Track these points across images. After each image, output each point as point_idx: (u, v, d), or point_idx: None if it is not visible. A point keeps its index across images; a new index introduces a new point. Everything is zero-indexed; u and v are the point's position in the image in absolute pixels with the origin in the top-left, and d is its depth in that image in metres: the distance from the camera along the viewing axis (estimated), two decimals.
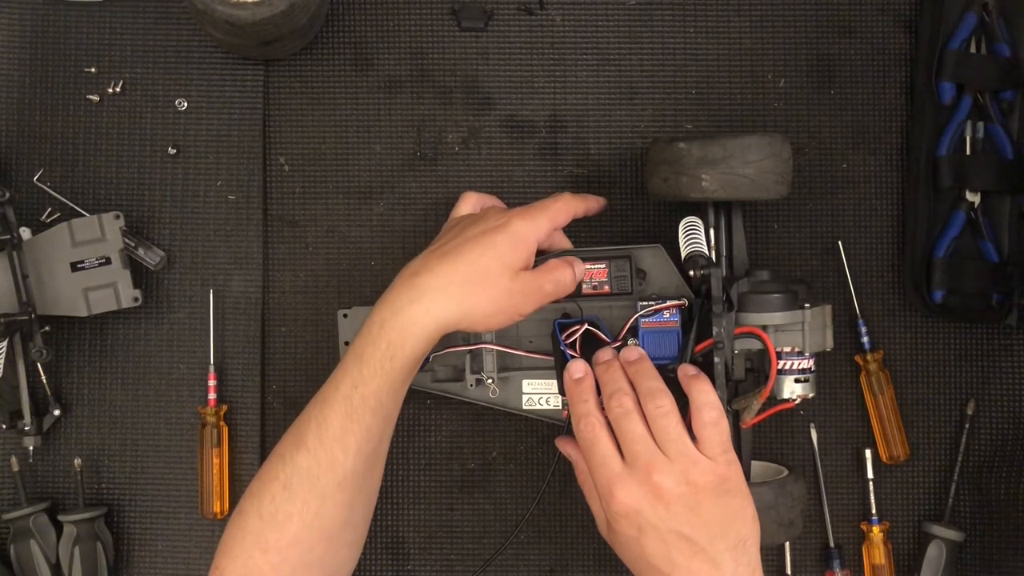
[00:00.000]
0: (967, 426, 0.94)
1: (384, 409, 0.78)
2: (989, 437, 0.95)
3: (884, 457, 0.94)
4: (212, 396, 0.93)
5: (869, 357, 0.93)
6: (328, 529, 0.77)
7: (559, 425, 0.88)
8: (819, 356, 0.85)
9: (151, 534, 0.94)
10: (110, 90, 0.94)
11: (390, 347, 0.77)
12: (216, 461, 0.92)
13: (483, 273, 0.78)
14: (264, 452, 0.93)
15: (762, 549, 0.77)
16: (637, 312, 0.85)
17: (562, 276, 0.82)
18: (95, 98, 0.94)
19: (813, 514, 0.94)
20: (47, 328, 0.91)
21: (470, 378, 0.89)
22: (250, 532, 0.77)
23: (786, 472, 0.87)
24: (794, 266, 0.95)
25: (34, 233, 0.90)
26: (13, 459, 0.91)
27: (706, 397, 0.77)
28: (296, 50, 0.94)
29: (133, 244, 0.92)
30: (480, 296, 0.78)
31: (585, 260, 0.87)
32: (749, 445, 0.86)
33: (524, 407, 0.89)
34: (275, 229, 0.95)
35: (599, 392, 0.80)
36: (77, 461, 0.92)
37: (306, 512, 0.76)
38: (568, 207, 0.84)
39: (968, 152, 0.94)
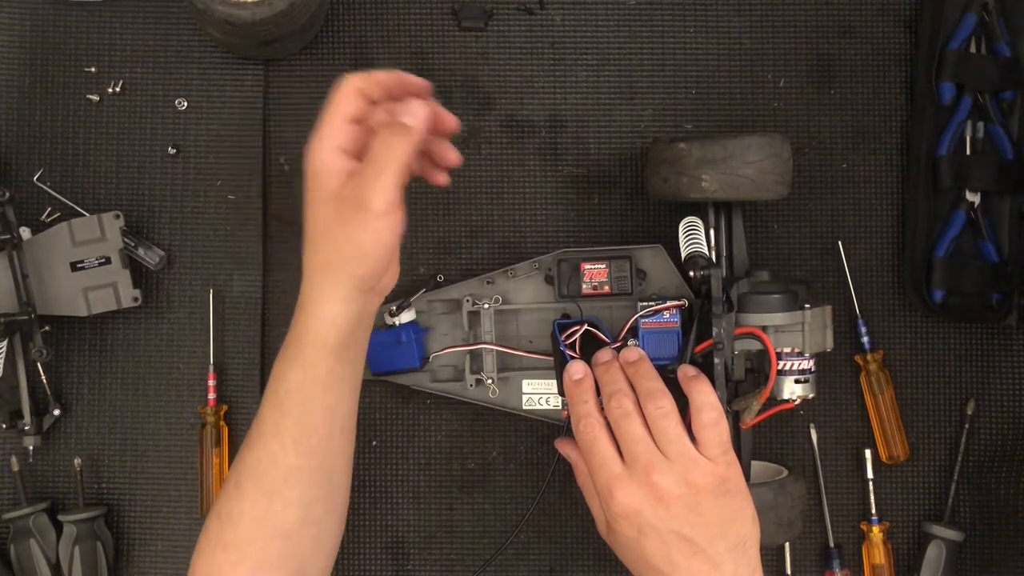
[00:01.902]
0: (967, 426, 0.94)
1: (315, 403, 0.76)
2: (989, 437, 0.95)
3: (884, 457, 0.94)
4: (212, 396, 0.93)
5: (869, 357, 0.93)
6: (282, 526, 0.76)
7: (559, 425, 0.88)
8: (819, 356, 0.85)
9: (151, 534, 0.94)
10: (110, 90, 0.94)
11: (296, 335, 0.76)
12: (216, 461, 0.92)
13: (319, 225, 0.73)
14: None
15: (762, 549, 0.77)
16: (637, 312, 0.85)
17: (388, 153, 0.70)
18: (95, 98, 0.94)
19: (813, 514, 0.94)
20: (47, 328, 0.91)
21: (470, 378, 0.89)
22: (212, 532, 0.77)
23: (786, 472, 0.87)
24: (794, 266, 0.95)
25: (34, 233, 0.90)
26: (13, 459, 0.91)
27: (706, 398, 0.77)
28: (296, 50, 0.94)
29: (133, 244, 0.92)
30: (330, 242, 0.72)
31: (586, 261, 0.87)
32: (749, 446, 0.86)
33: (524, 407, 0.89)
34: (275, 229, 0.95)
35: (599, 393, 0.80)
36: (77, 461, 0.92)
37: (256, 509, 0.75)
38: (344, 92, 0.73)
39: (968, 152, 0.94)
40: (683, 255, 0.86)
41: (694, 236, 0.86)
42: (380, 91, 0.74)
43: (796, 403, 0.84)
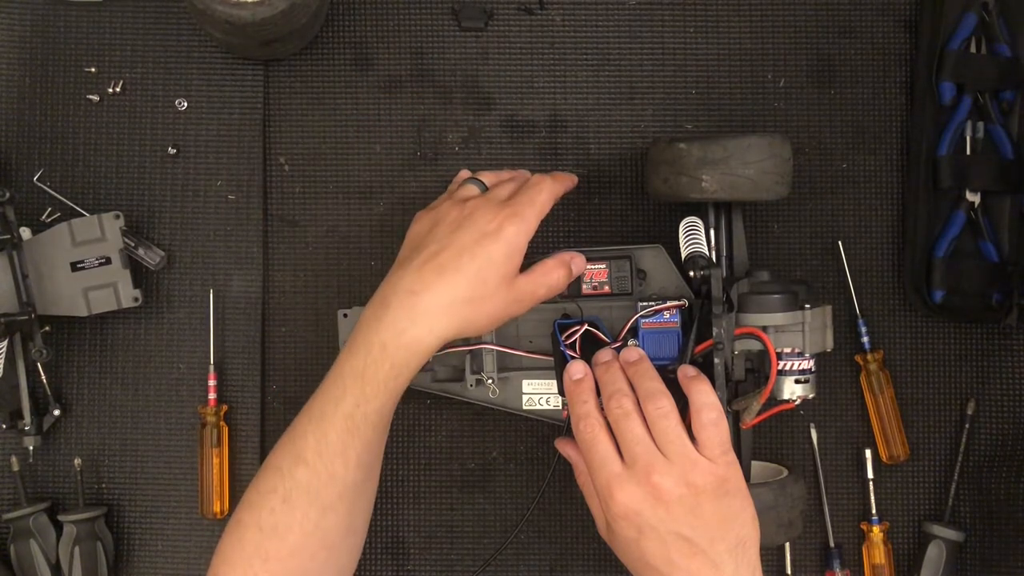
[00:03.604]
0: (967, 426, 0.94)
1: (384, 422, 0.79)
2: (989, 437, 0.95)
3: (884, 457, 0.94)
4: (212, 396, 0.93)
5: (869, 357, 0.93)
6: (329, 538, 0.78)
7: (559, 425, 0.88)
8: (819, 356, 0.85)
9: (151, 534, 0.94)
10: (110, 90, 0.94)
11: (394, 367, 0.77)
12: (216, 461, 0.92)
13: (482, 288, 0.78)
14: (264, 452, 0.93)
15: (762, 549, 0.77)
16: (637, 312, 0.85)
17: (555, 280, 0.82)
18: (95, 98, 0.94)
19: (813, 514, 0.94)
20: (47, 328, 0.91)
21: (470, 378, 0.89)
22: (249, 542, 0.77)
23: (786, 472, 0.87)
24: (794, 266, 0.95)
25: (34, 233, 0.89)
26: (13, 459, 0.91)
27: (706, 398, 0.77)
28: (296, 50, 0.94)
29: (133, 244, 0.92)
30: (480, 310, 0.78)
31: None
32: (749, 446, 0.86)
33: (524, 407, 0.89)
34: (275, 229, 0.95)
35: (599, 393, 0.80)
36: (77, 461, 0.92)
37: (306, 523, 0.76)
38: (552, 195, 0.83)
39: (968, 152, 0.94)
40: (683, 255, 0.86)
41: (694, 236, 0.86)
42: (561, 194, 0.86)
43: (796, 403, 0.84)
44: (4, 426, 0.91)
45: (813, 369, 0.84)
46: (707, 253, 0.85)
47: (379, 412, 0.78)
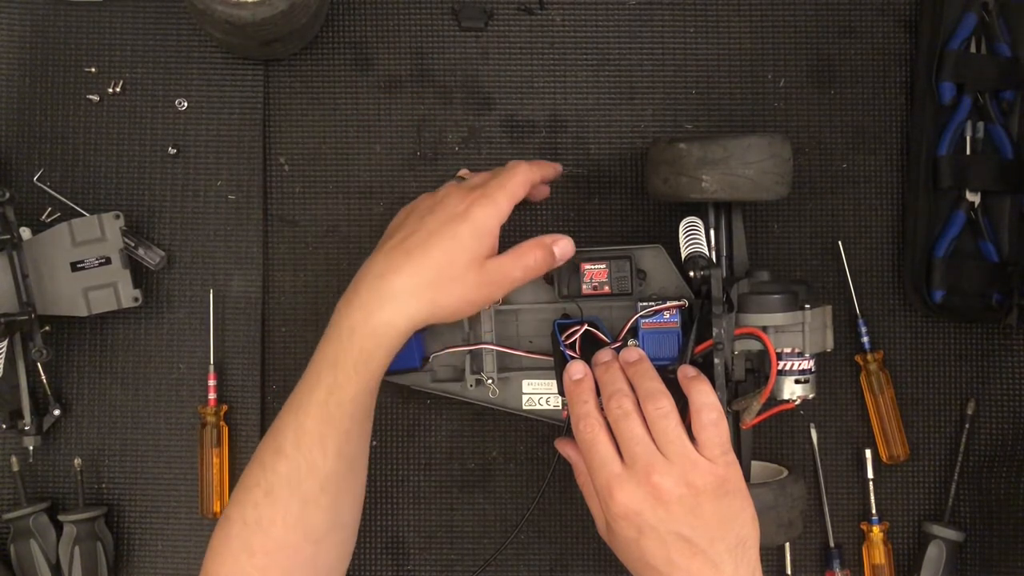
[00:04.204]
0: (967, 426, 0.94)
1: (361, 410, 0.79)
2: (989, 437, 0.95)
3: (884, 457, 0.94)
4: (212, 396, 0.93)
5: (869, 357, 0.93)
6: (314, 532, 0.77)
7: (559, 425, 0.88)
8: (819, 356, 0.85)
9: (151, 534, 0.94)
10: (110, 90, 0.94)
11: (363, 352, 0.77)
12: (216, 461, 0.92)
13: (450, 269, 0.77)
14: None
15: (762, 549, 0.77)
16: (637, 313, 0.85)
17: (532, 261, 0.81)
18: (95, 98, 0.94)
19: (813, 514, 0.94)
20: (47, 328, 0.91)
21: (470, 378, 0.89)
22: (236, 537, 0.77)
23: (786, 472, 0.87)
24: (794, 266, 0.95)
25: (34, 233, 0.89)
26: (13, 459, 0.91)
27: (706, 398, 0.77)
28: (296, 50, 0.94)
29: (133, 244, 0.92)
30: (449, 293, 0.78)
31: (586, 261, 0.87)
32: (749, 446, 0.86)
33: (524, 407, 0.89)
34: (275, 229, 0.95)
35: (599, 393, 0.80)
36: (77, 461, 0.92)
37: (289, 516, 0.76)
38: (526, 179, 0.82)
39: (968, 152, 0.94)
40: (683, 255, 0.86)
41: (694, 236, 0.86)
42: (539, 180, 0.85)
43: (796, 403, 0.84)
44: (4, 426, 0.91)
45: (813, 369, 0.84)
46: (707, 253, 0.85)
47: (354, 401, 0.77)
